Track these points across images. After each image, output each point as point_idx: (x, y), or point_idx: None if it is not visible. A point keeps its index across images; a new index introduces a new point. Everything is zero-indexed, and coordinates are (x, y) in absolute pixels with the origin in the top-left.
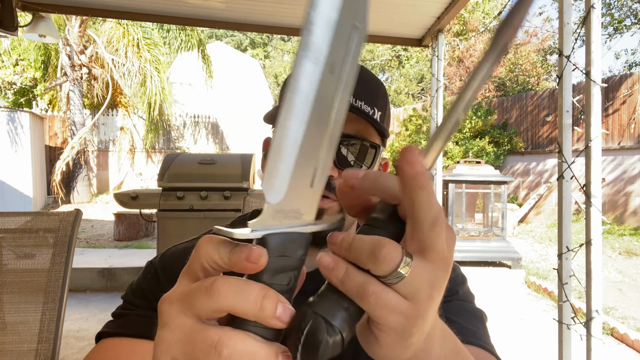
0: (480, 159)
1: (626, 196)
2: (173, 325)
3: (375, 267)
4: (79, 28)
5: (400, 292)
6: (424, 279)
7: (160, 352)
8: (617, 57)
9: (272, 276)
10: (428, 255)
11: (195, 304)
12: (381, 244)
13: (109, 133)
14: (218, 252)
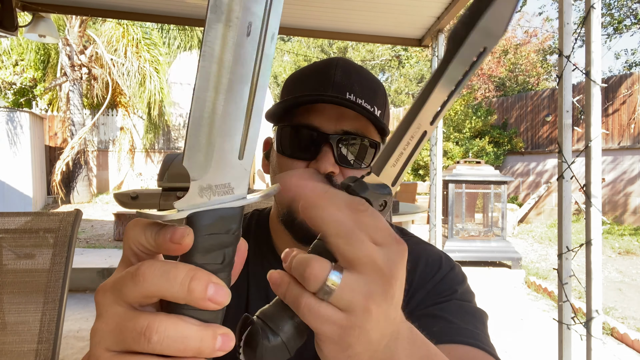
0: (480, 159)
1: (626, 196)
2: (106, 315)
3: (305, 284)
4: (79, 28)
5: (335, 304)
6: (357, 291)
7: (95, 344)
8: (617, 57)
9: (204, 255)
10: (357, 268)
11: (124, 291)
12: (307, 263)
13: (108, 133)
14: (144, 235)
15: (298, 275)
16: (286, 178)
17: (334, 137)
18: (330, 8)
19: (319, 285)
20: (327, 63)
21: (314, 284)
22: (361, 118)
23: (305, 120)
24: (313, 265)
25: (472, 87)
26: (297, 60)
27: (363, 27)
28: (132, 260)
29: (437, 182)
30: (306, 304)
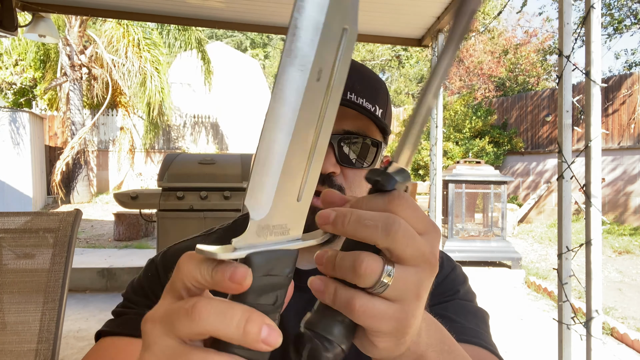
0: (480, 159)
1: (626, 196)
2: (156, 347)
3: (359, 281)
4: (79, 28)
5: (388, 298)
6: (409, 281)
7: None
8: (617, 57)
9: (258, 296)
10: (408, 261)
11: (177, 326)
12: (360, 259)
13: (109, 133)
14: (200, 271)
15: (350, 273)
16: (322, 214)
17: (335, 136)
18: None
19: (374, 281)
20: None
21: (370, 279)
22: (362, 117)
23: None
24: (367, 261)
25: (472, 87)
26: None
27: (363, 27)
28: (183, 293)
29: (437, 182)
30: (361, 304)
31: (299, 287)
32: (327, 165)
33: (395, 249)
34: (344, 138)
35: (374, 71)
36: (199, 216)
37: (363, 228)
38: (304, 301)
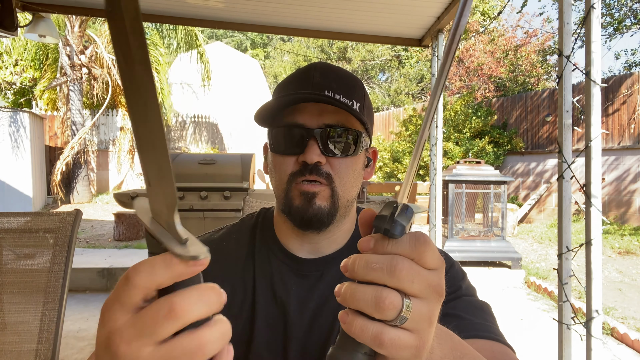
0: (481, 159)
1: (627, 196)
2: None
3: (381, 315)
4: (78, 28)
5: (407, 328)
6: (423, 312)
7: None
8: (617, 57)
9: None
10: (421, 295)
11: (158, 331)
12: (383, 295)
13: (109, 133)
14: (160, 272)
15: (371, 307)
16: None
17: (317, 130)
18: (330, 8)
19: (395, 314)
20: (308, 67)
21: (392, 312)
22: (341, 111)
23: (291, 119)
24: (390, 297)
25: (472, 87)
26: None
27: (363, 27)
28: (141, 303)
29: (437, 182)
30: (390, 337)
31: (301, 274)
32: (313, 156)
33: (403, 287)
34: (325, 131)
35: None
36: (199, 216)
37: (371, 272)
38: (304, 289)
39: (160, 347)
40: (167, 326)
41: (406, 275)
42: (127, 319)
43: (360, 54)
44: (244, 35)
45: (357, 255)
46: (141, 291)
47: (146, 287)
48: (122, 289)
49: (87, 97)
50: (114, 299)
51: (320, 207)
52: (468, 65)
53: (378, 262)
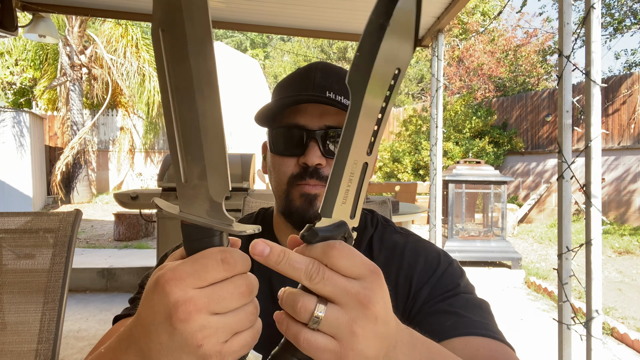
0: (480, 159)
1: (626, 196)
2: (172, 297)
3: (297, 317)
4: (78, 28)
5: (326, 333)
6: (341, 319)
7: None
8: (617, 57)
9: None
10: (334, 300)
11: (204, 276)
12: (297, 298)
13: (109, 133)
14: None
15: (290, 309)
16: (252, 246)
17: (319, 132)
18: (330, 8)
19: (308, 317)
20: (308, 67)
21: (304, 315)
22: (342, 113)
23: (292, 120)
24: (302, 300)
25: (472, 87)
26: (297, 60)
27: (363, 27)
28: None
29: (437, 182)
30: (305, 337)
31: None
32: (314, 158)
33: (317, 290)
34: (326, 133)
35: None
36: None
37: (290, 269)
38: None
39: (207, 288)
40: (215, 271)
41: (320, 279)
42: (180, 262)
43: None
44: (244, 35)
45: (283, 249)
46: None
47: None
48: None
49: (87, 97)
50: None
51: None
52: (468, 65)
53: (300, 262)
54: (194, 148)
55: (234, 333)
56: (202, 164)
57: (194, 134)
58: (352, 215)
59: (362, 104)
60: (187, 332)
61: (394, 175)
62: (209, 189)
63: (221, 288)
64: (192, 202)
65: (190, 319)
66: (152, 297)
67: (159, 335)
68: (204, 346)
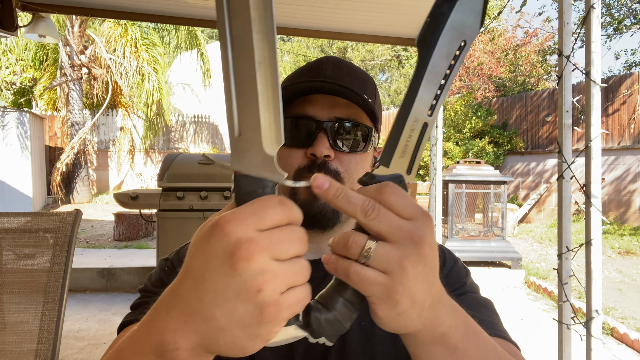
0: (480, 159)
1: (626, 196)
2: (232, 237)
3: (348, 252)
4: (78, 28)
5: (376, 268)
6: (391, 255)
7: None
8: (617, 57)
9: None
10: (387, 238)
11: (265, 218)
12: (348, 235)
13: (109, 133)
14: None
15: (342, 247)
16: (314, 179)
17: (328, 123)
18: (330, 8)
19: (359, 251)
20: (319, 60)
21: (355, 250)
22: (352, 105)
23: (301, 110)
24: (352, 237)
25: (472, 87)
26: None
27: (363, 27)
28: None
29: (437, 182)
30: (354, 270)
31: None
32: (322, 149)
33: (371, 227)
34: (336, 125)
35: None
36: (199, 216)
37: (347, 204)
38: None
39: (267, 231)
40: (275, 212)
41: (375, 216)
42: (238, 207)
43: (360, 54)
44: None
45: (342, 186)
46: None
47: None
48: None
49: (87, 97)
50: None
51: (326, 204)
52: (468, 65)
53: (356, 199)
54: (249, 100)
55: (290, 285)
56: (257, 116)
57: (250, 87)
58: (409, 171)
59: (429, 63)
60: (248, 274)
61: None
62: (262, 141)
63: (280, 231)
64: (244, 156)
65: (253, 259)
66: (209, 240)
67: (215, 282)
68: (264, 291)
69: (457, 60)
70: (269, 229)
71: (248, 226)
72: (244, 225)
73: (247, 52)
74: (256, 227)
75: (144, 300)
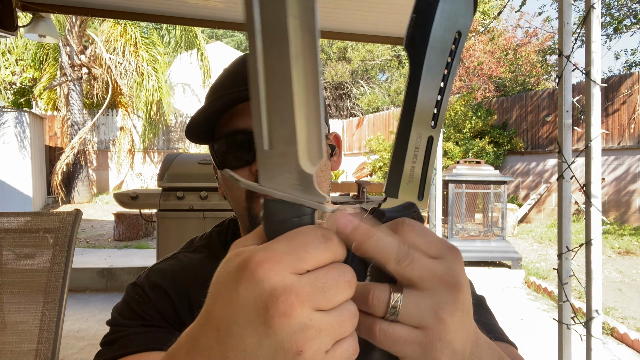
0: (480, 159)
1: (626, 196)
2: (267, 285)
3: (371, 310)
4: (78, 28)
5: (407, 323)
6: (424, 305)
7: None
8: (617, 57)
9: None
10: (417, 285)
11: (306, 258)
12: (368, 290)
13: (109, 133)
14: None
15: (362, 303)
16: (339, 218)
17: None
18: (330, 8)
19: (384, 308)
20: (235, 62)
21: (379, 307)
22: None
23: (231, 126)
24: (374, 290)
25: (472, 87)
26: None
27: (363, 27)
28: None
29: (437, 182)
30: (381, 329)
31: None
32: None
33: (403, 274)
34: None
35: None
36: (199, 216)
37: (377, 250)
38: None
39: (308, 274)
40: (317, 252)
41: (407, 260)
42: (271, 242)
43: (360, 54)
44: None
45: (370, 228)
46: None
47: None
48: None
49: (87, 97)
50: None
51: None
52: (468, 65)
53: (387, 242)
54: (283, 105)
55: (336, 339)
56: (292, 125)
57: (283, 87)
58: (421, 197)
59: (423, 65)
60: (286, 332)
61: None
62: (299, 156)
63: (325, 274)
64: (277, 174)
65: (292, 314)
66: (237, 286)
67: (244, 339)
68: (305, 353)
69: (454, 56)
70: (310, 271)
71: (285, 270)
72: (279, 269)
73: (280, 41)
74: (295, 270)
75: (117, 335)
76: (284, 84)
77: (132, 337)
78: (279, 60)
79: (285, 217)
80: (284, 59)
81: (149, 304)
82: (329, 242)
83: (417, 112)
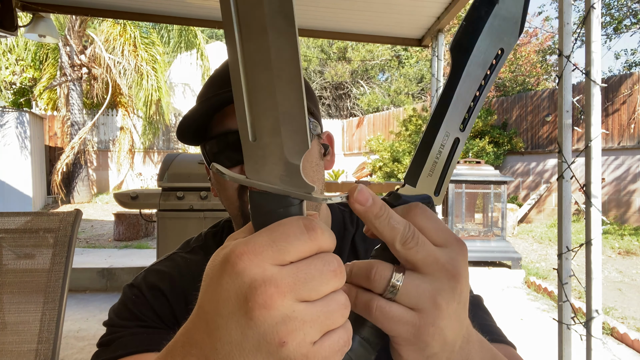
0: (480, 159)
1: (626, 196)
2: (251, 274)
3: (371, 285)
4: (78, 28)
5: (404, 304)
6: (423, 289)
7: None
8: (617, 57)
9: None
10: (420, 268)
11: (288, 248)
12: (371, 266)
13: (109, 133)
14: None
15: (364, 279)
16: (357, 192)
17: None
18: (330, 8)
19: (384, 284)
20: (225, 64)
21: (380, 283)
22: None
23: (222, 127)
24: (377, 267)
25: None
26: None
27: (363, 27)
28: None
29: None
30: (378, 305)
31: None
32: None
33: (406, 256)
34: None
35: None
36: (199, 216)
37: (387, 228)
38: None
39: (291, 265)
40: (300, 243)
41: (412, 242)
42: (253, 235)
43: (360, 54)
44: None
45: (384, 204)
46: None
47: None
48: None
49: (87, 97)
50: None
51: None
52: None
53: (397, 221)
54: (265, 95)
55: (324, 331)
56: (275, 116)
57: (264, 77)
58: (437, 192)
59: (463, 71)
60: (267, 324)
61: (394, 175)
62: (283, 147)
63: (308, 265)
64: (263, 166)
65: (272, 305)
66: (219, 279)
67: (229, 331)
68: (288, 345)
69: (493, 70)
70: (292, 262)
71: (264, 261)
72: (258, 261)
73: (259, 38)
74: (276, 262)
75: (114, 336)
76: (264, 74)
77: (129, 338)
78: (257, 50)
79: (270, 208)
80: (262, 48)
81: (146, 305)
82: (311, 232)
83: (449, 112)
